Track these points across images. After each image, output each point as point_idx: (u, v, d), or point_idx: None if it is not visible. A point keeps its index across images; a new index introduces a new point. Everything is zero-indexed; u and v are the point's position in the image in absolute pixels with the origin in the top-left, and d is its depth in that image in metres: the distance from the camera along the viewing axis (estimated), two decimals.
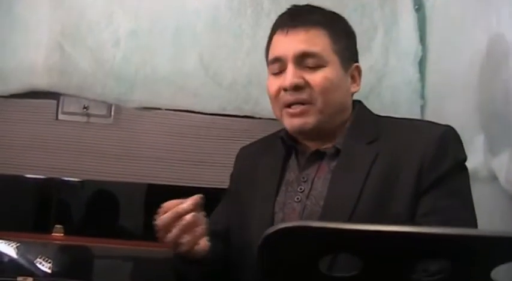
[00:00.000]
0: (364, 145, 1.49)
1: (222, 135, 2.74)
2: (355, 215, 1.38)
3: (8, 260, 2.46)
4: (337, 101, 1.53)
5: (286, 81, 1.49)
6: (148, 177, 2.73)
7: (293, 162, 1.58)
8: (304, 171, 1.54)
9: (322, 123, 1.50)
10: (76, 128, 2.80)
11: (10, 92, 2.79)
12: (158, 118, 2.78)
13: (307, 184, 1.51)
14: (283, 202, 1.52)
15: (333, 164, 1.51)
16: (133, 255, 2.56)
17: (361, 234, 0.50)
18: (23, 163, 2.77)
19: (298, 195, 1.51)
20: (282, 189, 1.54)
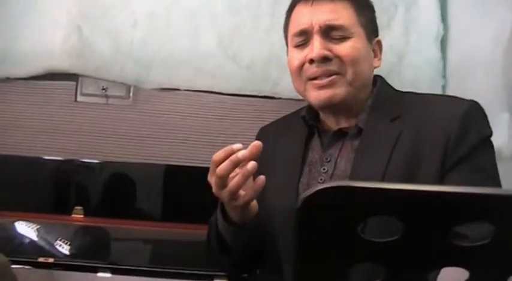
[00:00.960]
0: (387, 122, 1.46)
1: (240, 116, 2.72)
2: None
3: (29, 241, 2.47)
4: (365, 74, 1.49)
5: (313, 53, 1.44)
6: (166, 158, 2.72)
7: (315, 142, 1.55)
8: (327, 151, 1.51)
9: (350, 95, 1.46)
10: (95, 109, 2.81)
11: (29, 74, 2.80)
12: (177, 99, 2.77)
13: (331, 164, 1.49)
14: (307, 183, 1.49)
15: (355, 143, 1.48)
16: (152, 236, 2.56)
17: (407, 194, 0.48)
18: (42, 145, 2.78)
19: (321, 176, 1.48)
20: (305, 170, 1.52)
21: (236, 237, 1.43)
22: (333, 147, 1.50)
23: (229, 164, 1.27)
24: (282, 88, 2.61)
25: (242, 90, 2.69)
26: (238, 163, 1.26)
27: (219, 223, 1.44)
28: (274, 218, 1.48)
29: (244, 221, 1.39)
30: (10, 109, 2.84)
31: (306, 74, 1.47)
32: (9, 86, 2.85)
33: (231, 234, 1.43)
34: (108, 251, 2.52)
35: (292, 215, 1.44)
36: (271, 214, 1.48)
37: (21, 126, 2.83)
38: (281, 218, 1.47)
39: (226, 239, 1.45)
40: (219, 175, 1.27)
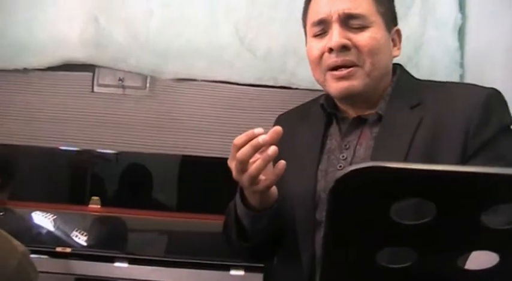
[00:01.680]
0: (407, 109, 1.45)
1: (257, 106, 2.72)
2: None
3: (46, 231, 2.48)
4: (384, 64, 1.49)
5: (332, 42, 1.44)
6: (183, 148, 2.73)
7: (334, 129, 1.54)
8: (346, 138, 1.50)
9: (369, 87, 1.46)
10: (111, 100, 2.82)
11: (46, 65, 2.81)
12: (193, 89, 2.77)
13: (350, 151, 1.48)
14: (326, 170, 1.49)
15: (375, 130, 1.47)
16: (169, 227, 2.57)
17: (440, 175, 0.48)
18: (59, 135, 2.79)
19: (340, 163, 1.48)
20: (323, 157, 1.51)
21: (255, 223, 1.43)
22: (352, 134, 1.50)
23: (250, 149, 1.26)
24: (298, 78, 2.61)
25: (258, 80, 2.69)
26: (258, 147, 1.26)
27: (238, 207, 1.43)
28: (292, 206, 1.48)
29: (264, 207, 1.39)
30: (27, 100, 2.86)
31: (325, 63, 1.46)
32: (27, 77, 2.87)
33: (250, 219, 1.43)
34: (124, 241, 2.53)
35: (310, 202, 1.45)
36: (290, 201, 1.48)
37: (38, 117, 2.84)
38: (299, 205, 1.47)
39: (245, 225, 1.45)
40: (240, 160, 1.27)
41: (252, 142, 1.25)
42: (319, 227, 1.44)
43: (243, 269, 2.29)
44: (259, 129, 1.28)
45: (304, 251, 1.45)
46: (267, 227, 1.44)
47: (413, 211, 0.54)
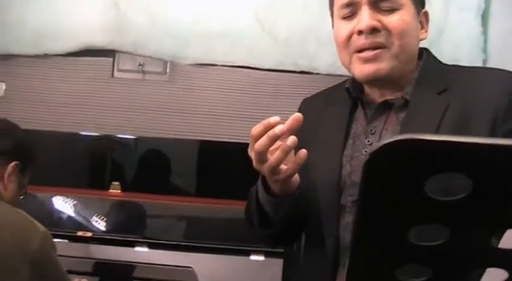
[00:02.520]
0: (434, 95, 1.43)
1: (277, 91, 2.71)
2: None
3: (67, 216, 2.50)
4: (412, 46, 1.46)
5: (362, 24, 1.41)
6: (202, 133, 2.73)
7: (359, 114, 1.52)
8: (372, 123, 1.48)
9: (396, 70, 1.43)
10: (131, 85, 2.82)
11: (66, 50, 2.82)
12: (213, 74, 2.77)
13: (375, 136, 1.46)
14: (351, 155, 1.47)
15: (401, 115, 1.45)
16: (188, 212, 2.57)
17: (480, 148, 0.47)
18: (79, 120, 2.81)
19: (366, 148, 1.46)
20: (349, 142, 1.49)
21: (277, 209, 1.42)
22: (378, 119, 1.48)
23: (267, 140, 1.24)
24: (319, 63, 2.59)
25: (279, 65, 2.68)
26: (276, 138, 1.24)
27: (260, 194, 1.42)
28: (317, 191, 1.46)
29: (286, 194, 1.38)
30: (48, 85, 2.87)
31: (353, 45, 1.44)
32: (47, 63, 2.88)
33: (272, 206, 1.42)
34: (144, 226, 2.54)
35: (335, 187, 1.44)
36: (314, 186, 1.47)
37: (59, 102, 2.85)
38: (324, 190, 1.46)
39: (267, 211, 1.44)
40: (258, 151, 1.25)
41: (269, 133, 1.23)
42: (343, 212, 1.43)
43: (263, 254, 2.29)
44: (276, 118, 1.26)
45: (328, 237, 1.44)
46: (290, 214, 1.43)
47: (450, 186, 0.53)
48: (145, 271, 2.29)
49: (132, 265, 2.32)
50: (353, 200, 1.43)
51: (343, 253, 1.43)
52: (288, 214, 1.43)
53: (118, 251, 2.34)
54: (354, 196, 1.43)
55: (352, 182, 1.44)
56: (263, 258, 2.29)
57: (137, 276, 2.30)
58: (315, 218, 1.47)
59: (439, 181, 0.46)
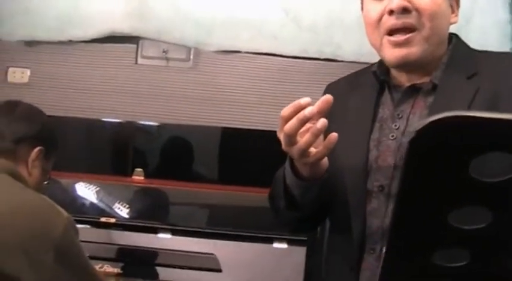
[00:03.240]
0: (463, 79, 1.41)
1: (301, 79, 2.69)
2: None
3: (90, 202, 2.50)
4: (442, 29, 1.44)
5: (393, 3, 1.39)
6: (226, 120, 2.72)
7: (386, 98, 1.50)
8: (399, 107, 1.46)
9: (426, 53, 1.41)
10: (155, 72, 2.82)
11: (90, 36, 2.82)
12: (237, 61, 2.76)
13: (403, 121, 1.44)
14: (378, 140, 1.45)
15: (429, 100, 1.43)
16: (212, 199, 2.56)
17: None
18: (103, 107, 2.81)
19: (393, 132, 1.44)
20: (375, 126, 1.47)
21: (305, 193, 1.40)
22: (405, 103, 1.46)
23: (297, 122, 1.22)
24: (344, 50, 2.56)
25: (303, 52, 2.66)
26: (306, 120, 1.22)
27: (288, 177, 1.41)
28: (343, 175, 1.45)
29: (314, 177, 1.36)
30: (71, 72, 2.88)
31: (384, 26, 1.42)
32: (71, 49, 2.88)
33: (300, 189, 1.40)
34: (167, 213, 2.54)
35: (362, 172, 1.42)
36: (340, 170, 1.45)
37: (82, 89, 2.86)
38: (350, 174, 1.44)
39: (295, 195, 1.42)
40: (287, 133, 1.24)
41: (299, 115, 1.21)
42: (370, 198, 1.42)
43: (286, 242, 2.28)
44: (306, 99, 1.24)
45: (354, 222, 1.43)
46: (317, 197, 1.42)
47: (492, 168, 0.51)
48: (168, 258, 2.30)
49: (155, 251, 2.32)
50: (379, 185, 1.41)
51: (369, 239, 1.42)
52: (316, 198, 1.41)
53: (141, 238, 2.35)
54: (380, 181, 1.41)
55: (378, 167, 1.42)
56: (286, 246, 2.28)
57: (160, 262, 2.30)
58: (341, 202, 1.45)
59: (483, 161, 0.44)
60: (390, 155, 1.41)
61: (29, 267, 1.42)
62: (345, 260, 1.45)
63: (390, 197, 1.40)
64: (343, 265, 1.46)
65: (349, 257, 1.44)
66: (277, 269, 2.24)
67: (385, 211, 1.40)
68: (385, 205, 1.40)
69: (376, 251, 1.41)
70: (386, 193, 1.40)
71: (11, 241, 1.42)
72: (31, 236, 1.44)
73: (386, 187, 1.40)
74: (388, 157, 1.41)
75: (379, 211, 1.41)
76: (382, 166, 1.42)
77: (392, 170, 1.40)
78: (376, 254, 1.41)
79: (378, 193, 1.41)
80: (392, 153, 1.41)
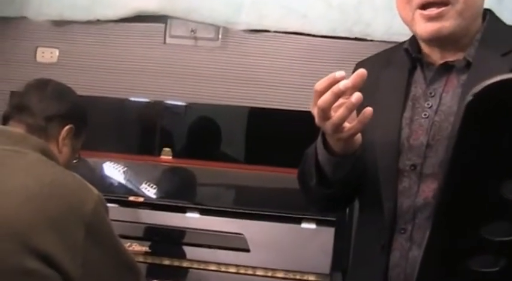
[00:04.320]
0: (498, 56, 1.38)
1: (330, 58, 2.67)
2: None
3: (118, 181, 2.51)
4: (476, 4, 1.41)
5: None
6: (254, 100, 2.71)
7: (419, 76, 1.47)
8: (432, 85, 1.44)
9: (460, 28, 1.38)
10: (183, 51, 2.81)
11: (119, 16, 2.83)
12: (266, 40, 2.74)
13: (435, 99, 1.42)
14: (410, 118, 1.43)
15: (463, 77, 1.40)
16: (240, 179, 2.55)
17: None
18: (131, 87, 2.82)
19: (425, 111, 1.42)
20: (408, 104, 1.45)
21: (337, 169, 1.39)
22: (438, 81, 1.43)
23: (331, 96, 1.20)
24: (373, 29, 2.53)
25: (332, 31, 2.63)
26: (340, 94, 1.20)
27: (320, 153, 1.39)
28: (375, 153, 1.43)
29: (347, 153, 1.35)
30: (100, 51, 2.88)
31: (416, 0, 1.39)
32: (99, 29, 2.89)
33: (332, 166, 1.39)
34: (195, 192, 2.54)
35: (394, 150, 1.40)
36: (372, 148, 1.44)
37: (111, 68, 2.87)
38: (382, 153, 1.43)
39: (326, 171, 1.41)
40: (321, 107, 1.22)
41: (333, 88, 1.20)
42: (401, 177, 1.41)
43: (314, 222, 2.27)
44: (341, 72, 1.22)
45: (386, 200, 1.41)
46: (349, 175, 1.40)
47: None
48: (196, 237, 2.30)
49: (183, 231, 2.32)
50: (411, 164, 1.39)
51: (400, 218, 1.40)
52: (348, 175, 1.40)
53: (169, 217, 2.35)
54: (412, 160, 1.40)
55: (410, 145, 1.40)
56: (314, 226, 2.27)
57: (188, 241, 2.30)
58: (372, 181, 1.44)
59: None
60: (422, 133, 1.40)
61: (61, 244, 1.43)
62: (375, 240, 1.44)
63: (422, 176, 1.38)
64: (373, 244, 1.45)
65: (380, 236, 1.43)
66: (306, 249, 2.23)
67: (417, 190, 1.38)
68: (417, 184, 1.39)
69: (407, 232, 1.39)
70: (418, 172, 1.39)
71: (43, 218, 1.42)
72: (62, 213, 1.45)
73: (418, 166, 1.39)
74: (421, 136, 1.40)
75: (411, 190, 1.39)
76: (414, 144, 1.40)
77: (425, 149, 1.39)
78: (407, 234, 1.39)
79: (409, 172, 1.40)
80: (425, 132, 1.39)
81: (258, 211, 2.32)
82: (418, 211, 1.38)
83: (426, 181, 1.38)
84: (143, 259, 2.25)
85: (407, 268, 1.39)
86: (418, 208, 1.38)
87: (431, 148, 1.38)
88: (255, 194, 2.51)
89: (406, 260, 1.39)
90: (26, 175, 1.48)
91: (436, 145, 1.38)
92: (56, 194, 1.46)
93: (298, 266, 2.20)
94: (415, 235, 1.38)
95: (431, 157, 1.38)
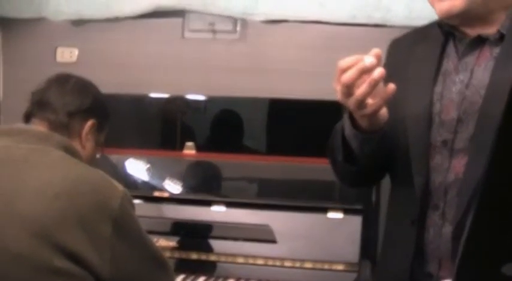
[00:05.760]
0: None
1: (350, 46, 2.61)
2: None
3: (142, 177, 2.51)
4: None
5: None
6: (275, 91, 2.70)
7: (451, 50, 1.45)
8: (464, 59, 1.42)
9: (475, 5, 1.36)
10: (202, 45, 2.81)
11: (136, 12, 2.83)
12: (285, 30, 2.73)
13: (467, 73, 1.40)
14: (441, 93, 1.42)
15: (496, 50, 1.38)
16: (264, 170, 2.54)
17: None
18: (151, 82, 2.82)
19: (457, 85, 1.40)
20: (439, 79, 1.44)
21: (364, 145, 1.38)
22: (470, 55, 1.41)
23: (355, 72, 1.20)
24: (393, 15, 2.51)
25: (352, 18, 2.61)
26: (365, 70, 1.20)
27: (346, 129, 1.38)
28: (406, 128, 1.42)
29: (373, 129, 1.34)
30: (119, 49, 2.89)
31: None
32: (118, 26, 2.89)
33: (358, 142, 1.38)
34: (220, 186, 2.53)
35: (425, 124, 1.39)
36: (403, 122, 1.43)
37: (130, 65, 2.87)
38: (413, 127, 1.42)
39: (353, 147, 1.40)
40: (345, 84, 1.22)
41: (358, 65, 1.20)
42: (433, 153, 1.40)
43: (341, 211, 2.25)
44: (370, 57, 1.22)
45: (418, 176, 1.41)
46: (375, 151, 1.39)
47: None
48: (223, 230, 2.30)
49: (209, 224, 2.32)
50: (442, 140, 1.38)
51: (432, 195, 1.40)
52: (374, 151, 1.39)
53: (195, 211, 2.35)
54: (444, 136, 1.39)
55: (441, 120, 1.39)
56: (341, 215, 2.25)
57: (214, 235, 2.30)
58: (404, 156, 1.43)
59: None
60: (453, 108, 1.38)
61: (89, 242, 1.43)
62: (406, 215, 1.43)
63: (453, 152, 1.37)
64: (404, 219, 1.44)
65: (411, 212, 1.42)
66: (333, 238, 2.22)
67: (448, 166, 1.38)
68: (448, 160, 1.38)
69: (440, 208, 1.39)
70: (449, 147, 1.38)
71: (70, 216, 1.42)
72: (89, 210, 1.44)
73: (449, 142, 1.38)
74: (452, 111, 1.39)
75: (442, 166, 1.39)
76: (445, 119, 1.39)
77: (456, 124, 1.38)
78: (440, 211, 1.39)
79: (441, 148, 1.39)
80: (456, 106, 1.38)
81: (284, 202, 2.31)
82: (448, 187, 1.38)
83: (457, 157, 1.37)
84: (170, 254, 2.25)
85: (441, 245, 1.38)
86: (449, 184, 1.38)
87: (462, 123, 1.37)
88: (279, 185, 2.50)
89: (439, 237, 1.39)
90: (51, 172, 1.48)
91: (467, 119, 1.37)
92: (81, 192, 1.45)
93: (326, 256, 2.19)
94: (447, 211, 1.38)
95: (462, 132, 1.37)
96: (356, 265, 2.16)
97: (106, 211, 1.46)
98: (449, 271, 1.38)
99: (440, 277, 1.39)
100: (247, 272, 2.21)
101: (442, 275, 1.39)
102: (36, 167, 1.49)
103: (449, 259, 1.37)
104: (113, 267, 1.47)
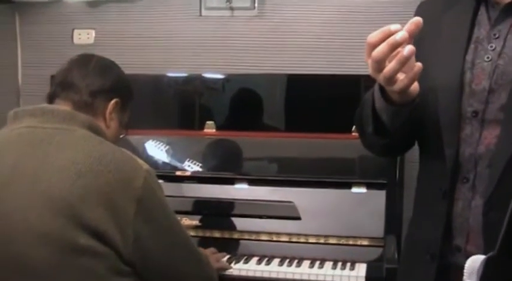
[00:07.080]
0: None
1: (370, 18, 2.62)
2: None
3: (162, 157, 2.50)
4: None
5: None
6: (294, 67, 2.68)
7: (483, 17, 1.41)
8: (496, 27, 1.37)
9: None
10: (220, 22, 2.79)
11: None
12: (302, 5, 2.70)
13: (499, 41, 1.35)
14: (472, 61, 1.37)
15: None
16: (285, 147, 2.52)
17: None
18: (169, 62, 2.82)
19: (488, 54, 1.36)
20: (470, 47, 1.39)
21: (395, 118, 1.35)
22: (503, 22, 1.37)
23: (386, 47, 1.16)
24: None
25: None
26: (396, 45, 1.16)
27: (377, 101, 1.35)
28: (436, 97, 1.39)
29: (405, 101, 1.31)
30: (136, 29, 2.88)
31: None
32: (134, 6, 2.89)
33: (389, 114, 1.35)
34: (242, 163, 2.52)
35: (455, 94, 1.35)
36: (433, 91, 1.39)
37: (147, 45, 2.86)
38: (444, 96, 1.38)
39: (383, 119, 1.37)
40: (375, 59, 1.18)
41: (389, 39, 1.16)
42: (463, 124, 1.36)
43: (364, 186, 2.24)
44: (396, 25, 1.18)
45: (448, 147, 1.37)
46: (406, 123, 1.36)
47: None
48: (246, 208, 2.29)
49: (232, 202, 2.32)
50: (473, 111, 1.35)
51: (462, 167, 1.36)
52: (405, 123, 1.36)
53: (217, 189, 2.34)
54: (474, 106, 1.35)
55: (472, 90, 1.35)
56: (365, 190, 2.24)
57: (238, 213, 2.30)
58: (434, 126, 1.40)
59: None
60: (485, 78, 1.34)
61: (112, 220, 1.42)
62: (436, 187, 1.41)
63: (484, 123, 1.34)
64: (434, 191, 1.42)
65: (441, 183, 1.39)
66: (357, 214, 2.21)
67: (479, 138, 1.34)
68: (479, 131, 1.34)
69: (470, 181, 1.36)
70: (480, 118, 1.34)
71: (94, 194, 1.42)
72: (112, 189, 1.44)
73: (480, 113, 1.34)
74: (483, 80, 1.34)
75: (473, 137, 1.35)
76: (476, 89, 1.35)
77: (487, 95, 1.33)
78: (470, 183, 1.36)
79: (471, 119, 1.35)
80: (487, 76, 1.34)
81: (307, 178, 2.29)
82: (479, 159, 1.34)
83: (488, 128, 1.34)
84: (194, 232, 2.25)
85: (470, 218, 1.36)
86: (480, 156, 1.34)
87: (494, 93, 1.33)
88: (300, 162, 2.48)
89: (469, 210, 1.36)
90: (75, 151, 1.47)
91: (499, 89, 1.33)
92: (105, 170, 1.45)
93: (350, 231, 2.18)
94: (477, 183, 1.35)
95: (494, 103, 1.33)
96: (381, 240, 2.15)
97: (130, 190, 1.46)
98: (477, 245, 1.35)
99: (468, 251, 1.36)
100: (271, 249, 2.20)
101: (469, 250, 1.36)
102: (60, 146, 1.48)
103: (479, 233, 1.34)
104: (136, 250, 1.46)
